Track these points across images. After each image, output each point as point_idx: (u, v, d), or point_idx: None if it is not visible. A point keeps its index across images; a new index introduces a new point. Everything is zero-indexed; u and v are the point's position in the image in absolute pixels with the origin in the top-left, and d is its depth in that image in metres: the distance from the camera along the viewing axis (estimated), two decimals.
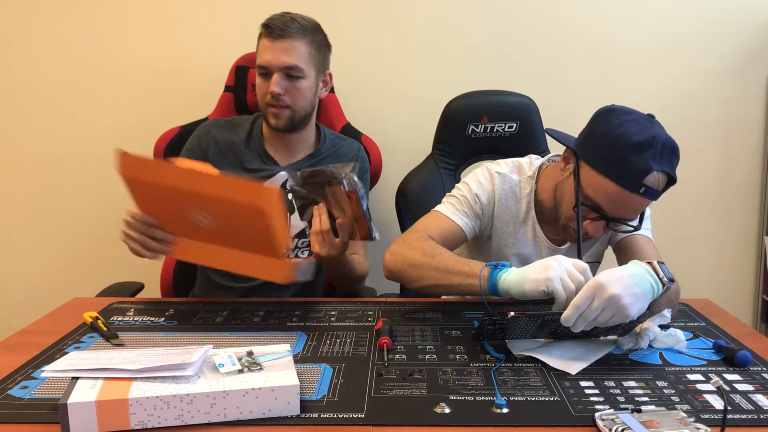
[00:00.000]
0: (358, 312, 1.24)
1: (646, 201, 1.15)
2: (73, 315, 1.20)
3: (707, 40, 2.01)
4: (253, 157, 1.51)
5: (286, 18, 1.42)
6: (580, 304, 0.94)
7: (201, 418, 0.80)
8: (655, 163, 1.11)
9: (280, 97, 1.42)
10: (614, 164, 1.13)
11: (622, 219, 1.19)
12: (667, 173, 1.14)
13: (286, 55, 1.40)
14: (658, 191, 1.14)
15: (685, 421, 0.77)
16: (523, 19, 1.98)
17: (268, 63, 1.41)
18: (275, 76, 1.41)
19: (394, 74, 2.03)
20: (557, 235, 1.35)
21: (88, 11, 2.00)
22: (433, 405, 0.85)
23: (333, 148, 1.57)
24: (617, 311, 0.94)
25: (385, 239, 2.01)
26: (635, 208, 1.18)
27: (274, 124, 1.45)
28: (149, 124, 1.88)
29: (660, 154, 1.12)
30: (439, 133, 1.73)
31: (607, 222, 1.19)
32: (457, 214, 1.33)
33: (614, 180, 1.13)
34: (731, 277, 2.16)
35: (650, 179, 1.12)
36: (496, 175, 1.36)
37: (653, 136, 1.12)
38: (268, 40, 1.41)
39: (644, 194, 1.12)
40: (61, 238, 2.13)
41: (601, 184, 1.15)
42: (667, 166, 1.13)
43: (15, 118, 2.07)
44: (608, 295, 0.93)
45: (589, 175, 1.17)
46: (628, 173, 1.12)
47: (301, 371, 0.93)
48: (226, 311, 1.24)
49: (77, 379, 0.82)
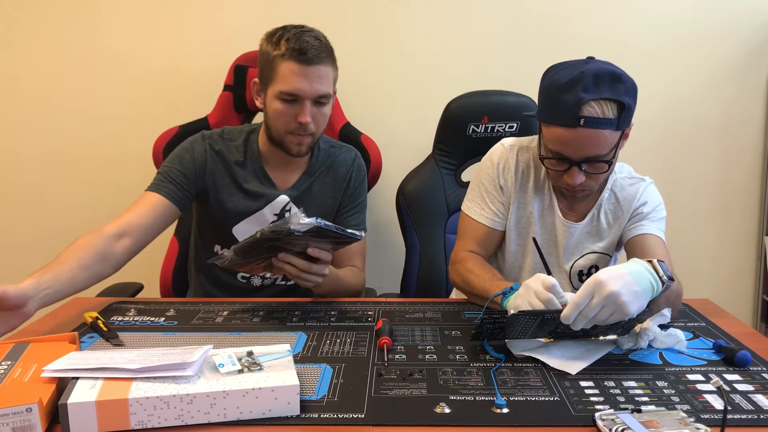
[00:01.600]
0: (358, 312, 1.24)
1: (595, 131, 1.15)
2: (73, 315, 1.20)
3: (707, 40, 2.01)
4: (250, 177, 1.44)
5: (311, 40, 1.31)
6: (579, 302, 0.94)
7: (201, 418, 0.80)
8: (587, 93, 1.14)
9: (308, 127, 1.34)
10: (552, 109, 1.19)
11: (588, 158, 1.19)
12: (611, 99, 1.15)
13: (320, 83, 1.32)
14: (605, 119, 1.15)
15: (685, 421, 0.77)
16: (523, 20, 1.98)
17: (302, 92, 1.31)
18: (307, 105, 1.32)
19: (394, 74, 2.02)
20: (570, 207, 1.36)
21: (88, 11, 2.00)
22: (433, 405, 0.85)
23: (328, 161, 1.50)
24: (616, 309, 0.94)
25: (385, 239, 2.03)
26: (589, 142, 1.17)
27: (296, 152, 1.38)
28: (149, 124, 1.88)
29: (592, 85, 1.15)
30: (439, 133, 1.72)
31: (579, 166, 1.20)
32: (485, 214, 1.37)
33: (556, 123, 1.18)
34: (731, 277, 2.16)
35: (587, 109, 1.14)
36: (508, 147, 1.39)
37: (581, 72, 1.16)
38: (299, 65, 1.30)
39: (586, 125, 1.14)
40: (61, 237, 2.13)
41: (550, 132, 1.20)
42: (608, 92, 1.15)
43: (15, 117, 2.07)
44: (607, 292, 0.93)
45: (543, 130, 1.24)
46: (563, 111, 1.16)
47: (301, 371, 0.93)
48: (226, 311, 1.24)
49: (77, 379, 0.82)
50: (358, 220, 1.53)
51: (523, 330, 1.01)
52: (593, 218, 1.35)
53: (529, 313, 0.98)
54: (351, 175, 1.51)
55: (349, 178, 1.51)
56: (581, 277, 1.37)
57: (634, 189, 1.34)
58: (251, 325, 1.17)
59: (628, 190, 1.34)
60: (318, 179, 1.49)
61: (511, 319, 0.99)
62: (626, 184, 1.35)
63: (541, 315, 0.98)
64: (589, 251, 1.36)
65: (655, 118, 2.05)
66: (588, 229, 1.35)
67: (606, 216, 1.35)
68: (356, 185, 1.52)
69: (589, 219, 1.34)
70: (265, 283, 1.50)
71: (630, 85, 1.19)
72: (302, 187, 1.47)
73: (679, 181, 2.10)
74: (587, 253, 1.36)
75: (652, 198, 1.34)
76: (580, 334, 1.01)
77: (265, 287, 1.50)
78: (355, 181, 1.52)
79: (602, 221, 1.35)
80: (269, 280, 1.49)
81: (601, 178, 1.26)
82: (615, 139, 1.18)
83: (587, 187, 1.25)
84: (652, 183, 1.37)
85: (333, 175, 1.50)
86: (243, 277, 1.49)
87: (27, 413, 0.75)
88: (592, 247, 1.36)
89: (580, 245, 1.36)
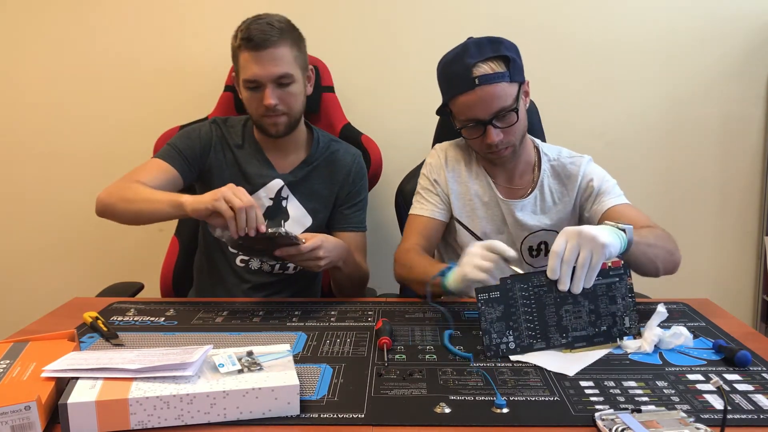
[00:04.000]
0: (358, 312, 1.24)
1: (491, 86, 1.27)
2: (73, 315, 1.20)
3: (707, 40, 2.00)
4: (250, 159, 1.50)
5: (263, 25, 1.35)
6: (557, 249, 1.00)
7: (201, 418, 0.80)
8: (472, 58, 1.27)
9: (276, 108, 1.39)
10: (450, 83, 1.33)
11: (496, 113, 1.29)
12: (495, 57, 1.28)
13: (275, 65, 1.36)
14: (497, 73, 1.27)
15: (685, 421, 0.77)
16: (523, 20, 1.98)
17: (258, 77, 1.36)
18: (268, 89, 1.37)
19: (394, 75, 2.02)
20: (509, 183, 1.45)
21: (88, 11, 2.00)
22: (433, 405, 0.85)
23: (327, 153, 1.54)
24: (593, 245, 0.99)
25: (385, 239, 2.02)
26: (490, 97, 1.28)
27: (274, 132, 1.43)
28: (149, 124, 1.88)
29: (475, 50, 1.28)
30: (438, 133, 1.72)
31: (492, 125, 1.30)
32: (425, 207, 1.46)
33: (457, 93, 1.30)
34: (731, 277, 2.16)
35: (477, 70, 1.27)
36: (438, 148, 1.52)
37: (462, 45, 1.32)
38: (250, 53, 1.35)
39: (482, 83, 1.27)
40: (62, 237, 2.14)
41: (457, 105, 1.32)
42: (490, 52, 1.28)
43: (15, 117, 2.07)
44: (577, 231, 1.00)
45: (452, 108, 1.35)
46: (458, 80, 1.29)
47: (301, 371, 0.93)
48: (226, 311, 1.24)
49: (77, 379, 0.82)
50: (359, 217, 1.56)
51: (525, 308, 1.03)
52: (536, 196, 1.44)
53: (516, 277, 1.02)
54: (352, 170, 1.54)
55: (348, 173, 1.54)
56: (532, 253, 1.46)
57: (575, 166, 1.43)
58: (251, 325, 1.17)
59: (569, 168, 1.44)
60: (317, 170, 1.52)
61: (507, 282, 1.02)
62: (567, 162, 1.45)
63: (529, 279, 1.02)
64: (538, 228, 1.44)
65: (656, 118, 2.05)
66: (532, 207, 1.44)
67: (551, 194, 1.44)
68: (357, 182, 1.55)
69: (533, 198, 1.44)
70: (264, 268, 1.52)
71: (508, 44, 1.32)
72: (300, 174, 1.51)
73: (679, 181, 2.09)
74: (536, 230, 1.44)
75: (596, 172, 1.43)
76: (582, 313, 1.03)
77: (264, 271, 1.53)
78: (356, 177, 1.55)
79: (547, 199, 1.44)
80: (268, 266, 1.52)
81: (516, 130, 1.34)
82: (514, 90, 1.30)
83: (508, 143, 1.34)
84: (591, 159, 1.46)
85: (332, 168, 1.53)
86: (242, 260, 1.52)
87: (26, 411, 0.76)
88: (539, 225, 1.44)
89: (528, 223, 1.43)
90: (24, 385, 0.82)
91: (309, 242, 1.24)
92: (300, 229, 1.50)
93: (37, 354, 0.92)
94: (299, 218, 1.51)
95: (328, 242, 1.30)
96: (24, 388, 0.81)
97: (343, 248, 1.37)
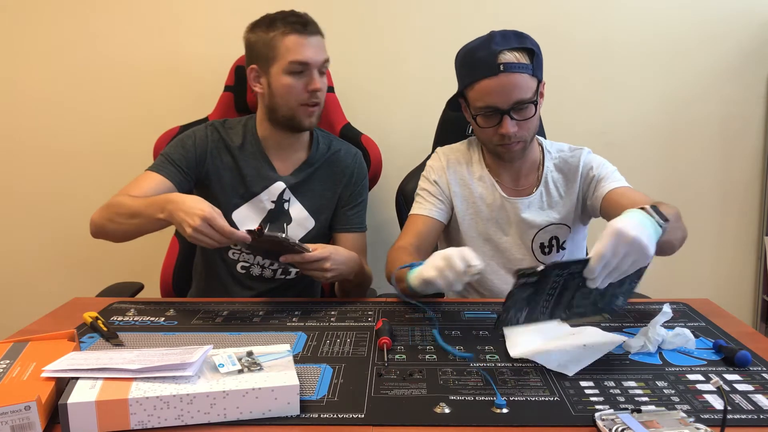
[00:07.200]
0: (358, 312, 1.24)
1: (515, 75, 1.27)
2: (73, 315, 1.20)
3: (707, 41, 2.01)
4: (250, 161, 1.47)
5: (304, 15, 1.39)
6: (605, 252, 0.92)
7: (201, 418, 0.80)
8: (498, 46, 1.27)
9: (318, 94, 1.39)
10: (472, 68, 1.30)
11: (515, 103, 1.29)
12: (521, 48, 1.28)
13: (324, 50, 1.40)
14: (521, 64, 1.27)
15: (685, 421, 0.77)
16: (522, 20, 1.98)
17: (310, 59, 1.36)
18: (315, 73, 1.38)
19: (394, 74, 2.03)
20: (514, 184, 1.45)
21: (87, 11, 2.00)
22: (433, 405, 0.85)
23: (328, 153, 1.52)
24: (639, 254, 0.94)
25: (385, 239, 2.02)
26: (511, 85, 1.27)
27: (308, 123, 1.41)
28: (149, 124, 1.88)
29: (501, 39, 1.28)
30: (439, 133, 1.72)
31: (510, 115, 1.29)
32: (423, 207, 1.45)
33: (479, 77, 1.29)
34: (731, 277, 2.16)
35: (503, 57, 1.26)
36: (439, 151, 1.52)
37: (488, 34, 1.31)
38: (301, 37, 1.36)
39: (506, 70, 1.26)
40: (61, 237, 2.14)
41: (476, 90, 1.30)
42: (516, 43, 1.28)
43: (15, 117, 2.07)
44: (630, 238, 0.92)
45: (469, 94, 1.33)
46: (482, 65, 1.28)
47: (301, 371, 0.93)
48: (226, 311, 1.24)
49: (77, 379, 0.82)
50: (360, 218, 1.56)
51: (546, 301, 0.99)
52: (542, 192, 1.44)
53: (558, 265, 0.94)
54: (354, 171, 1.54)
55: (351, 174, 1.53)
56: (544, 250, 1.45)
57: (575, 159, 1.44)
58: (251, 325, 1.17)
59: (570, 162, 1.45)
60: (318, 171, 1.51)
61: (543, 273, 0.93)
62: (567, 156, 1.46)
63: (567, 266, 0.95)
64: (547, 224, 1.44)
65: (656, 118, 2.05)
66: (539, 204, 1.44)
67: (556, 188, 1.45)
68: (358, 182, 1.55)
69: (539, 194, 1.44)
70: (265, 274, 1.51)
71: (533, 40, 1.32)
72: (301, 175, 1.49)
73: (680, 181, 2.10)
74: (546, 226, 1.44)
75: (595, 160, 1.44)
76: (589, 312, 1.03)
77: (265, 278, 1.52)
78: (358, 178, 1.54)
79: (553, 193, 1.44)
80: (269, 271, 1.51)
81: (530, 125, 1.34)
82: (534, 84, 1.30)
83: (521, 137, 1.33)
84: (590, 150, 1.47)
85: (334, 168, 1.52)
86: (243, 267, 1.51)
87: (26, 411, 0.76)
88: (548, 220, 1.44)
89: (536, 220, 1.43)
90: (24, 385, 0.82)
91: (316, 252, 1.22)
92: (302, 231, 1.50)
93: (37, 354, 0.92)
94: (302, 221, 1.50)
95: (338, 255, 1.27)
96: (24, 388, 0.81)
97: (354, 262, 1.35)
